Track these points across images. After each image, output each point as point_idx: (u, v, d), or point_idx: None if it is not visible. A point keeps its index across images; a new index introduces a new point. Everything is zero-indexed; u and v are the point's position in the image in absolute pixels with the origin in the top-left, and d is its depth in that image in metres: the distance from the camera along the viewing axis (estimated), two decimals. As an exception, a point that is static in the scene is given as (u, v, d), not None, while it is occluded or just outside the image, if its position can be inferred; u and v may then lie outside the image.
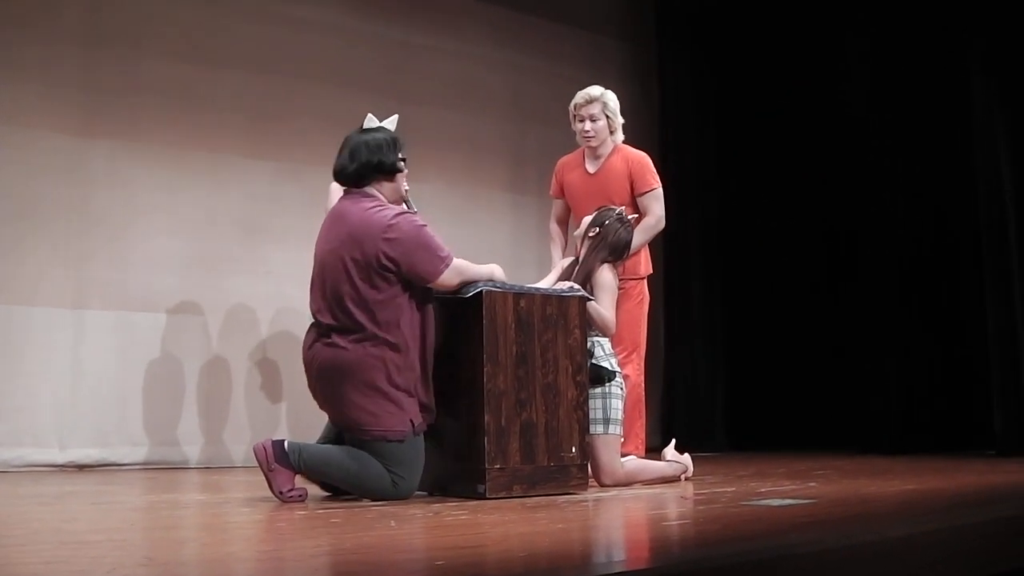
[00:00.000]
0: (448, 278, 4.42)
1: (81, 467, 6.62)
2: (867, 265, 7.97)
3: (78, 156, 6.85)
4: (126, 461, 6.78)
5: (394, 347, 4.33)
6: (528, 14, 9.06)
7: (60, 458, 6.58)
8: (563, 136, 9.13)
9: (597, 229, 5.26)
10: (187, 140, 7.26)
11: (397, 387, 4.32)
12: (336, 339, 4.37)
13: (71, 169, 6.82)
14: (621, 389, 5.17)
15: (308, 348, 4.51)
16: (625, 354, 5.80)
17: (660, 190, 6.08)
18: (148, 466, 6.84)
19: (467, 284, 4.50)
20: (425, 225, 4.50)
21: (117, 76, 7.02)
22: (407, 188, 5.76)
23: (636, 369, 5.89)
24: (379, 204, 4.49)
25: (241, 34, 7.56)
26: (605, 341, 5.14)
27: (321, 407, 4.56)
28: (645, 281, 6.07)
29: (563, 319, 4.67)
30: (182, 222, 7.18)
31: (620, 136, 6.19)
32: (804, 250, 9.02)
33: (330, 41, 7.92)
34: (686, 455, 5.55)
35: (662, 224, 6.07)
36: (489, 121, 8.72)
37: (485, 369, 4.41)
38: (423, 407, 4.44)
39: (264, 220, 7.41)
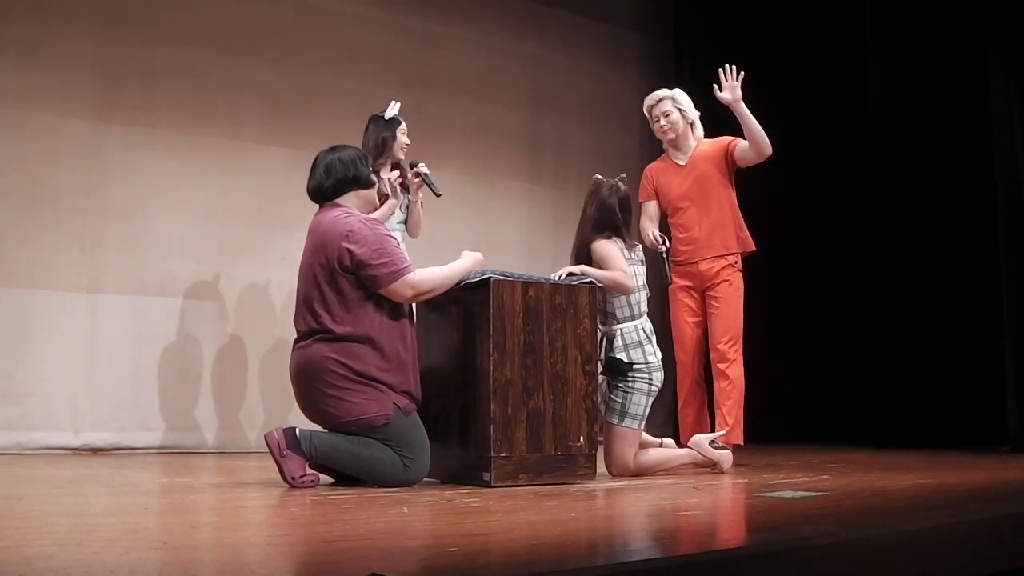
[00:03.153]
0: (399, 289, 4.42)
1: (95, 450, 6.66)
2: (884, 260, 7.94)
3: (94, 141, 6.88)
4: (140, 445, 6.82)
5: (361, 342, 4.37)
6: (547, 5, 9.06)
7: (74, 441, 6.62)
8: (580, 127, 9.18)
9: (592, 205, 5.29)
10: (203, 127, 7.29)
11: (369, 377, 4.35)
12: (305, 343, 4.45)
13: (86, 154, 6.85)
14: (648, 384, 5.14)
15: (291, 358, 4.58)
16: (735, 347, 5.87)
17: None
18: (162, 450, 6.87)
19: (425, 295, 4.51)
20: (387, 234, 4.54)
21: (134, 62, 7.05)
22: (427, 171, 5.81)
23: (740, 362, 5.99)
24: (346, 211, 4.56)
25: (258, 21, 7.58)
26: (628, 329, 5.11)
27: (307, 415, 4.57)
28: (739, 263, 6.16)
29: (572, 308, 4.67)
30: (197, 208, 7.21)
31: (700, 131, 6.28)
32: (820, 244, 9.01)
33: (348, 30, 7.94)
34: (726, 451, 5.49)
35: (768, 144, 6.06)
36: (506, 111, 8.73)
37: (492, 358, 4.42)
38: (406, 395, 4.46)
39: (279, 207, 7.42)
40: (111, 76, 6.98)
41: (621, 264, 5.09)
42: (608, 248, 5.14)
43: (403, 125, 6.04)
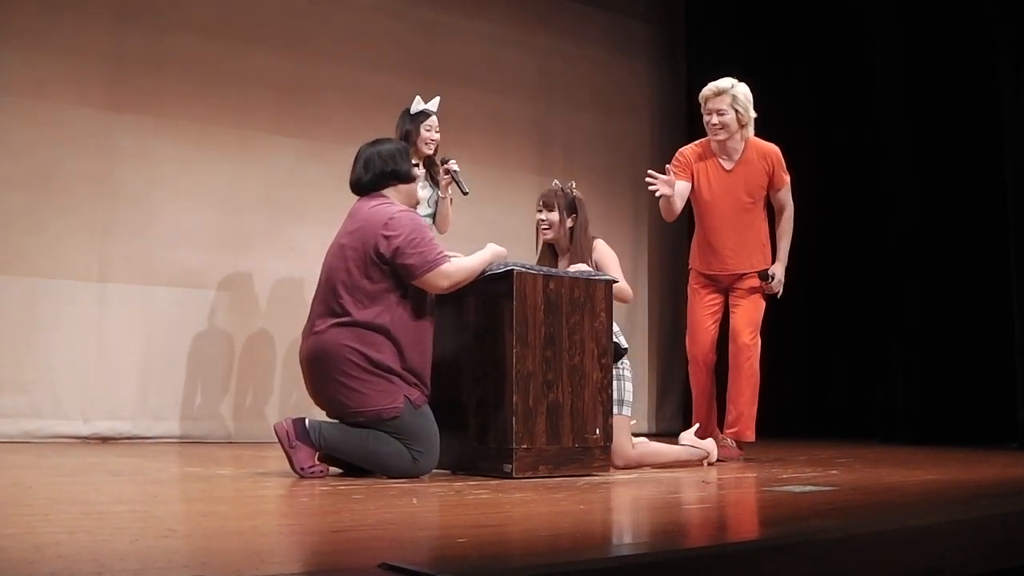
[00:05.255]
0: (434, 280, 4.42)
1: (104, 439, 6.68)
2: (892, 256, 7.92)
3: (104, 130, 6.89)
4: (149, 434, 6.84)
5: (378, 330, 4.36)
6: (557, -5, 9.07)
7: (83, 430, 6.64)
8: (590, 118, 9.17)
9: (574, 215, 5.30)
10: (213, 116, 7.30)
11: (384, 368, 4.34)
12: (320, 325, 4.45)
13: (97, 143, 6.86)
14: (629, 370, 5.23)
15: (303, 341, 4.58)
16: (756, 340, 5.90)
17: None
18: (171, 439, 6.89)
19: (458, 285, 4.50)
20: (424, 225, 4.57)
21: (144, 51, 7.06)
22: (457, 168, 5.83)
23: (758, 358, 6.05)
24: (387, 201, 4.57)
25: (269, 11, 7.58)
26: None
27: (316, 402, 4.58)
28: None
29: (590, 302, 4.68)
30: (206, 197, 7.21)
31: (751, 131, 6.07)
32: (828, 239, 8.97)
33: (358, 20, 7.94)
34: (709, 440, 5.55)
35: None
36: (516, 102, 8.73)
37: (515, 350, 4.41)
38: (418, 387, 4.45)
39: (288, 197, 7.44)
40: (122, 64, 6.98)
41: (620, 273, 5.20)
42: (610, 254, 5.27)
43: (431, 120, 5.97)
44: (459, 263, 4.53)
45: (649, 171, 5.81)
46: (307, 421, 4.33)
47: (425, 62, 8.11)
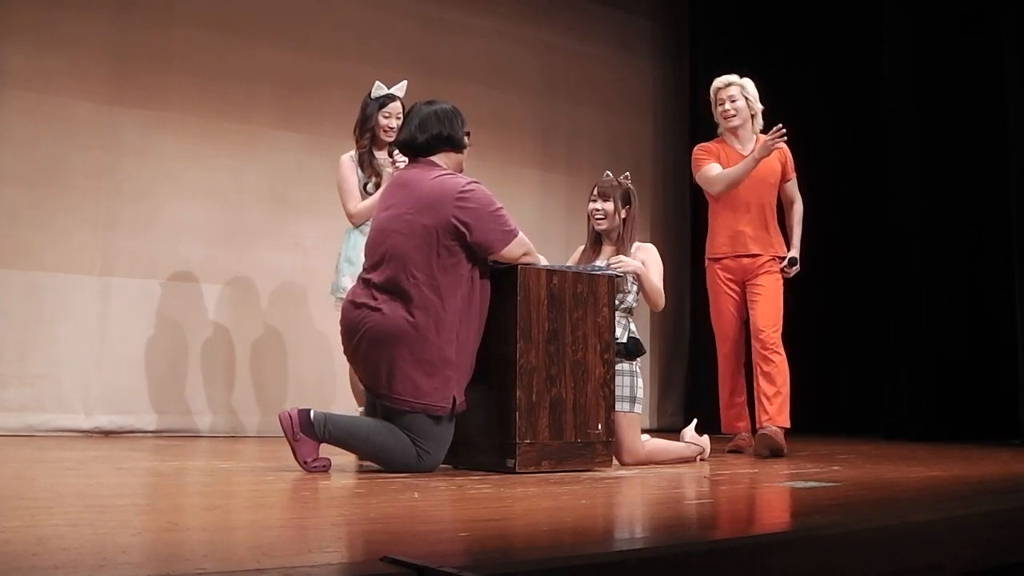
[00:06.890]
0: (516, 249, 4.43)
1: (106, 433, 6.68)
2: (896, 253, 7.91)
3: (108, 124, 6.89)
4: (151, 428, 6.84)
5: (451, 317, 4.29)
6: (561, -8, 9.06)
7: (85, 424, 6.65)
8: (593, 115, 9.16)
9: (628, 207, 5.36)
10: (217, 111, 7.30)
11: (447, 361, 4.27)
12: (391, 304, 4.30)
13: (101, 137, 6.86)
14: (641, 369, 5.24)
15: (354, 309, 4.41)
16: (778, 334, 5.96)
17: None
18: (171, 433, 6.89)
19: (528, 256, 4.50)
20: (494, 196, 4.48)
21: (148, 45, 7.06)
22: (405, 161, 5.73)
23: (782, 350, 6.07)
24: (449, 172, 4.49)
25: (274, 5, 7.59)
26: (628, 316, 5.19)
27: (359, 373, 4.49)
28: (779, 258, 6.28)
29: (592, 297, 4.68)
30: (210, 192, 7.22)
31: (759, 124, 6.30)
32: (832, 236, 8.96)
33: (362, 15, 7.94)
34: (704, 437, 5.58)
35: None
36: (520, 98, 8.72)
37: (518, 345, 4.40)
38: (463, 386, 4.40)
39: (291, 192, 7.45)
40: (125, 59, 6.99)
41: (660, 278, 5.31)
42: (657, 259, 5.37)
43: (390, 106, 5.72)
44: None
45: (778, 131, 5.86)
46: (312, 413, 4.23)
47: (429, 58, 8.11)
